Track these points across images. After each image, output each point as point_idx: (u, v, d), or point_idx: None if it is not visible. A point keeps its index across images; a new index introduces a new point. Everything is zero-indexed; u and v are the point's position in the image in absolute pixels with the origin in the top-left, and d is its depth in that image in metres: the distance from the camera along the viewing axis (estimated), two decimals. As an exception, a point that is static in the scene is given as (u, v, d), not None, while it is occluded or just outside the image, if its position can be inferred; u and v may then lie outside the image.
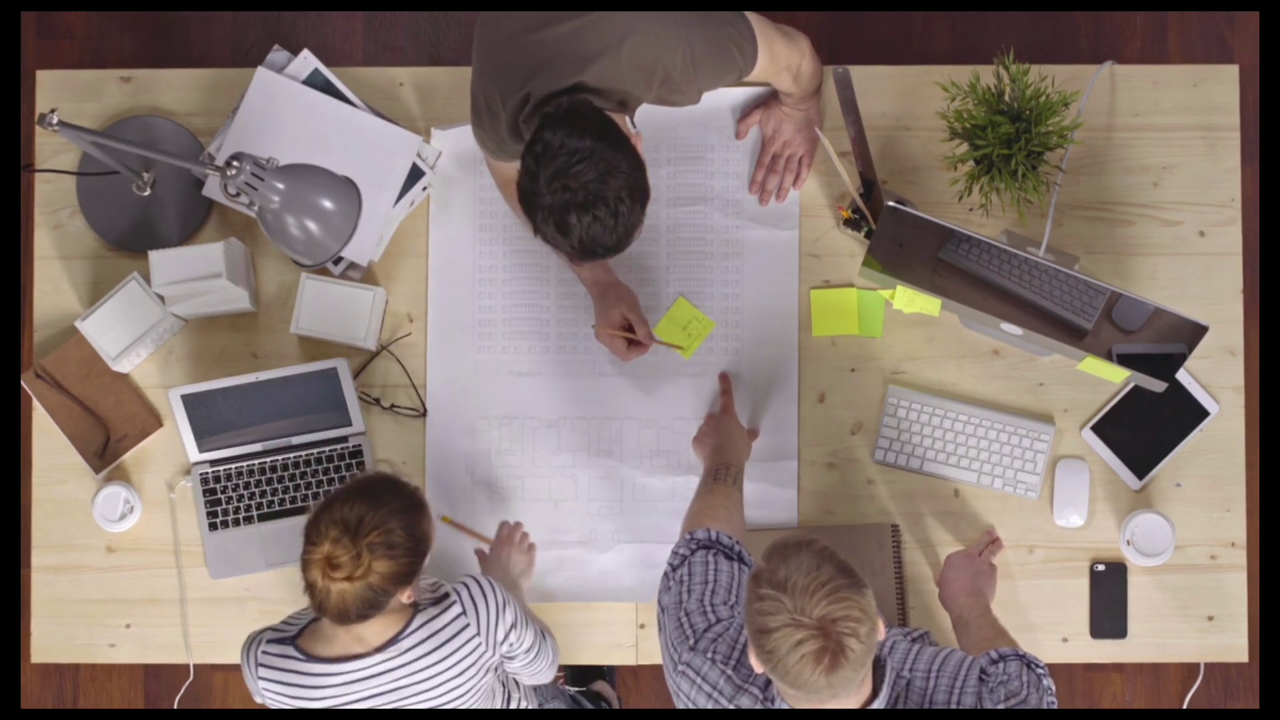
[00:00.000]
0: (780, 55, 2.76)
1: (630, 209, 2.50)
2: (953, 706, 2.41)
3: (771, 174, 3.04)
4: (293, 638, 2.57)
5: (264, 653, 2.56)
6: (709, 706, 2.44)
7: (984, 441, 2.99)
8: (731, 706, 2.41)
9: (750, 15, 2.69)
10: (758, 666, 2.29)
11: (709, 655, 2.45)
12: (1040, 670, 2.50)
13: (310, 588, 2.43)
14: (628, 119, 2.61)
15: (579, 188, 2.46)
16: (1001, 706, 2.41)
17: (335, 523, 2.42)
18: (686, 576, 2.54)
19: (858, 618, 2.22)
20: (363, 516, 2.42)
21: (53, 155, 3.07)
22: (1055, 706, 2.47)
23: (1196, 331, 2.67)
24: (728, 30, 2.64)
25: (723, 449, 2.85)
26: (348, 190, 2.70)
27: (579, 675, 3.49)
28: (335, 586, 2.40)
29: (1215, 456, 3.00)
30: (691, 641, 2.47)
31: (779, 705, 2.37)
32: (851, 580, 2.24)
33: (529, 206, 2.51)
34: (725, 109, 3.06)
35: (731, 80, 2.70)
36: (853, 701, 2.32)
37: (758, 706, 2.39)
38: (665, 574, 2.57)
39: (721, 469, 2.78)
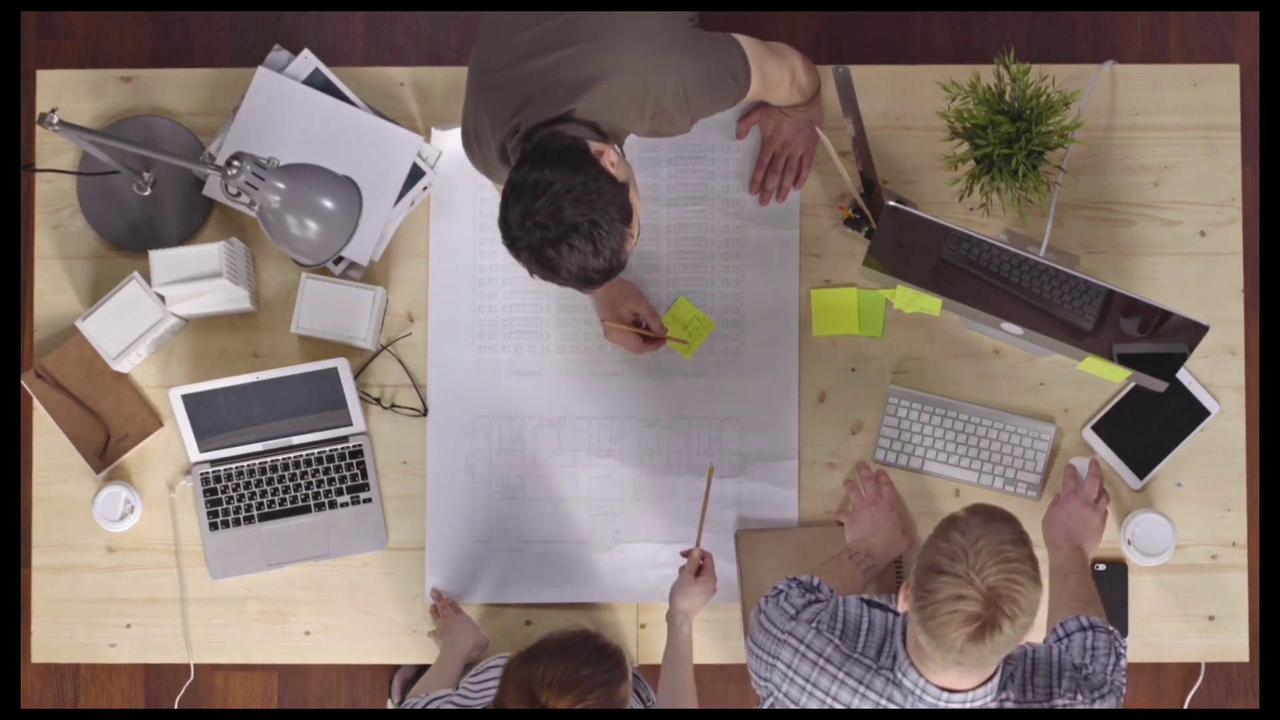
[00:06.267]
0: (772, 75, 2.75)
1: (609, 228, 2.46)
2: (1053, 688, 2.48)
3: (771, 174, 3.03)
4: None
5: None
6: (814, 676, 2.46)
7: (984, 441, 2.99)
8: (841, 674, 2.45)
9: (741, 38, 2.67)
10: (903, 605, 2.34)
11: (813, 625, 2.50)
12: (1122, 652, 2.57)
13: None
14: (616, 147, 2.57)
15: (547, 220, 2.43)
16: (1081, 701, 2.47)
17: (524, 691, 2.35)
18: (784, 587, 2.59)
19: (1023, 606, 2.26)
20: (564, 686, 2.35)
21: (53, 155, 3.07)
22: (1121, 693, 2.53)
23: (1197, 331, 2.67)
24: (719, 58, 2.63)
25: (868, 539, 2.89)
26: (348, 190, 2.70)
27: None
28: None
29: (1216, 456, 3.00)
30: (792, 613, 2.51)
31: (895, 676, 2.41)
32: (1033, 572, 2.28)
33: (513, 252, 2.50)
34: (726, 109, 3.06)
35: (726, 106, 2.69)
36: (968, 682, 2.38)
37: (869, 676, 2.43)
38: (758, 605, 2.60)
39: (860, 551, 2.85)
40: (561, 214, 2.44)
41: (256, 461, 3.00)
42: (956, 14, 3.73)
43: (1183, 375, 3.00)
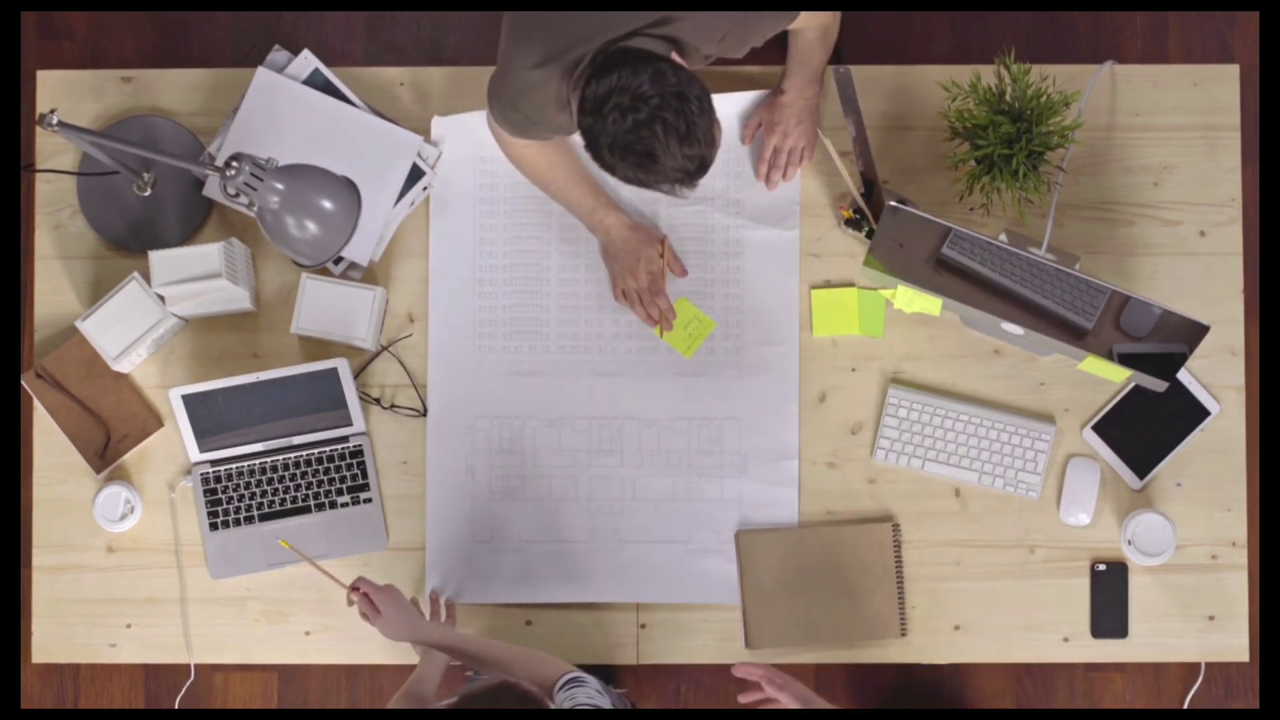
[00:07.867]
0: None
1: (698, 106, 2.43)
2: None
3: (774, 169, 3.03)
4: None
5: None
6: None
7: (984, 441, 2.99)
8: None
9: None
10: None
11: None
12: None
13: None
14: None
15: (629, 102, 2.40)
16: None
17: None
18: None
19: None
20: None
21: (53, 155, 3.07)
22: None
23: (1197, 331, 2.67)
24: None
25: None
26: (348, 190, 2.70)
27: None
28: None
29: (1216, 456, 3.00)
30: None
31: None
32: None
33: (609, 163, 2.44)
34: (727, 112, 3.05)
35: (785, 23, 2.69)
36: None
37: None
38: None
39: None
40: (642, 91, 2.39)
41: (256, 461, 3.00)
42: (956, 14, 3.72)
43: (1183, 375, 3.00)
